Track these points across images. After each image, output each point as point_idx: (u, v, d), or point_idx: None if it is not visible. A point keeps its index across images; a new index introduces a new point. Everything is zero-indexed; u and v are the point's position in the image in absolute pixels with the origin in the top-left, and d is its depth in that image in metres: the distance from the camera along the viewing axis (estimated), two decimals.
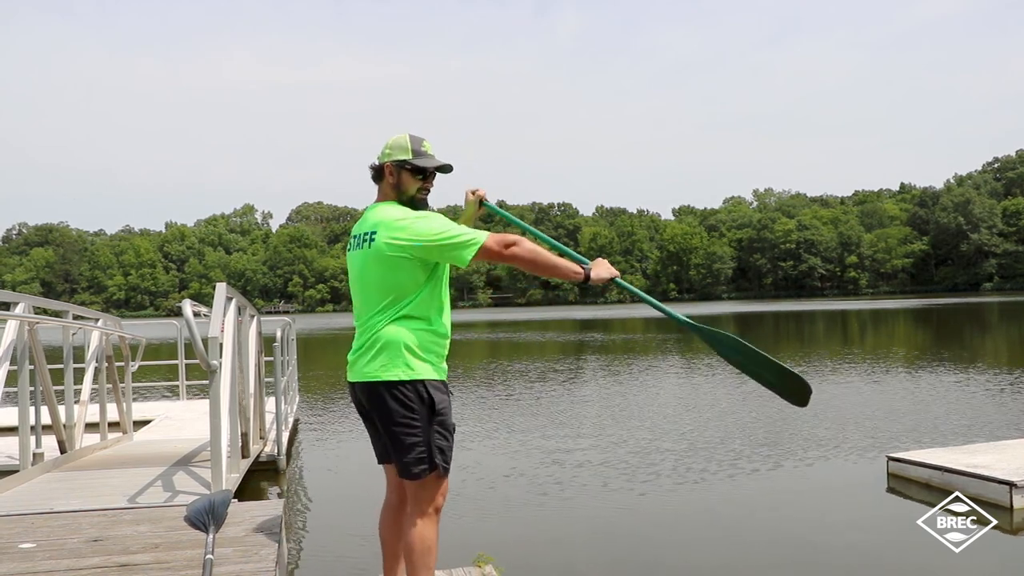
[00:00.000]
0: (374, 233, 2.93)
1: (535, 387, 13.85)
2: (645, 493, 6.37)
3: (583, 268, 3.05)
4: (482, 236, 2.91)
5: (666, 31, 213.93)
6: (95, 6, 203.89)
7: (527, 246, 2.95)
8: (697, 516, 5.81)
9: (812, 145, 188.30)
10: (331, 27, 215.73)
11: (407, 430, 2.87)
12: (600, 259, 3.15)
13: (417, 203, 3.02)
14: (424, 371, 2.90)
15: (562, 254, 3.20)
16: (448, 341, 3.03)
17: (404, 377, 2.87)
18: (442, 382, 2.97)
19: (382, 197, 3.06)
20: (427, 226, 2.88)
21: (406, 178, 3.00)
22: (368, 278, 2.94)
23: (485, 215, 3.63)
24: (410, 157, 3.00)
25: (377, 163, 3.06)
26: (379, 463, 3.13)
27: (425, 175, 3.03)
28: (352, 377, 3.01)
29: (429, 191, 3.07)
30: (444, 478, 2.95)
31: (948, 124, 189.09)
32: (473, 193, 3.47)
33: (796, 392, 3.24)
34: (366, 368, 2.92)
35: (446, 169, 3.10)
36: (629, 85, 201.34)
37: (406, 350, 2.88)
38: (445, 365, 3.01)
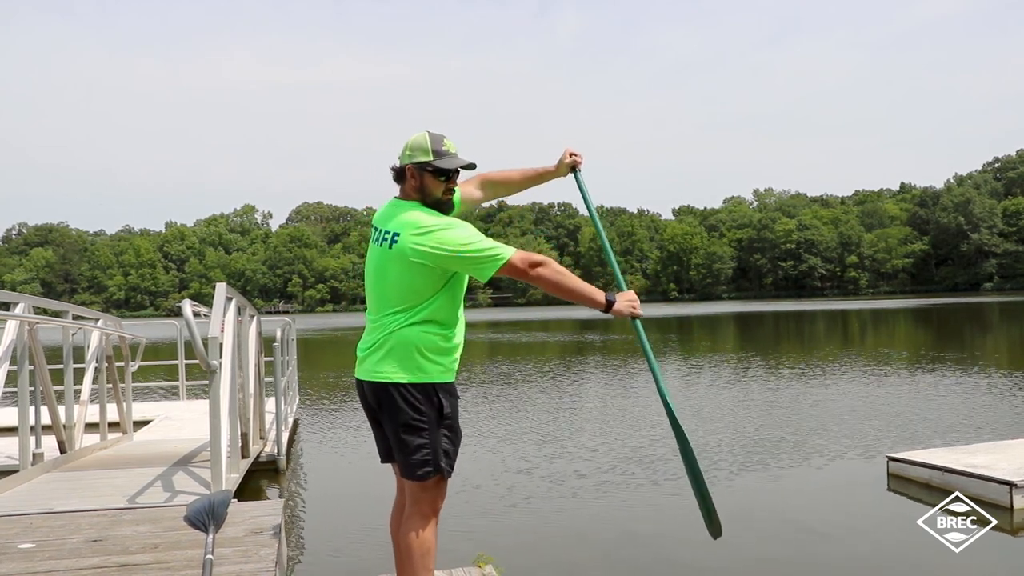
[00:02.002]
0: (397, 235, 2.84)
1: (535, 387, 13.85)
2: (644, 493, 6.37)
3: (606, 298, 2.94)
4: (507, 252, 2.81)
5: (666, 31, 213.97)
6: (95, 6, 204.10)
7: (554, 267, 2.88)
8: (697, 516, 5.79)
9: (812, 145, 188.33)
10: (331, 27, 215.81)
11: (415, 432, 2.86)
12: (630, 292, 3.04)
13: (443, 204, 2.94)
14: (435, 374, 2.87)
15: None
16: (461, 345, 2.99)
17: (414, 379, 2.84)
18: (452, 385, 2.94)
19: (405, 196, 2.96)
20: (453, 236, 2.78)
21: (429, 181, 2.90)
22: (386, 278, 2.88)
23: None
24: (431, 159, 2.89)
25: (398, 165, 2.96)
26: (382, 462, 3.11)
27: (448, 176, 2.93)
28: (360, 374, 2.97)
29: (454, 191, 2.98)
30: (445, 482, 2.94)
31: (948, 124, 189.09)
32: (571, 155, 3.33)
33: (713, 523, 3.36)
34: (376, 367, 2.89)
35: (470, 167, 3.01)
36: (629, 85, 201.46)
37: (418, 353, 2.85)
38: (455, 368, 2.97)
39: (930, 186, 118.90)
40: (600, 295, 2.94)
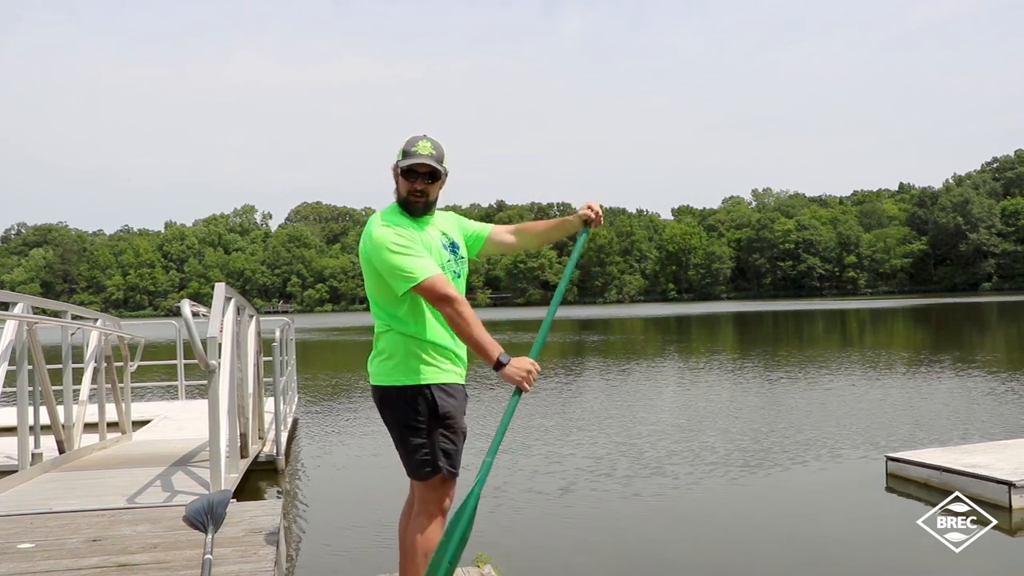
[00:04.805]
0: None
1: (534, 388, 13.82)
2: (644, 493, 6.36)
3: (499, 358, 2.78)
4: (422, 275, 2.75)
5: (671, 32, 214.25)
6: (97, 7, 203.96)
7: (457, 309, 2.77)
8: (697, 516, 5.81)
9: (812, 145, 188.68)
10: (335, 27, 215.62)
11: (412, 433, 2.87)
12: (527, 360, 2.85)
13: (410, 205, 2.92)
14: (429, 375, 2.87)
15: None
16: (459, 345, 2.96)
17: (407, 381, 2.86)
18: (452, 385, 2.92)
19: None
20: (382, 239, 2.81)
21: (399, 180, 2.95)
22: (366, 279, 2.97)
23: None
24: (400, 159, 2.94)
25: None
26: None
27: (415, 176, 2.89)
28: (370, 379, 3.03)
29: (423, 193, 2.90)
30: (451, 481, 2.94)
31: (947, 124, 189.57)
32: (590, 208, 3.16)
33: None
34: (375, 371, 2.96)
35: (433, 172, 2.90)
36: (632, 85, 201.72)
37: (409, 355, 2.87)
38: (458, 368, 2.96)
39: (929, 186, 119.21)
40: (494, 352, 2.77)
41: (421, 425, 2.87)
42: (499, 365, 2.80)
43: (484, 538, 5.23)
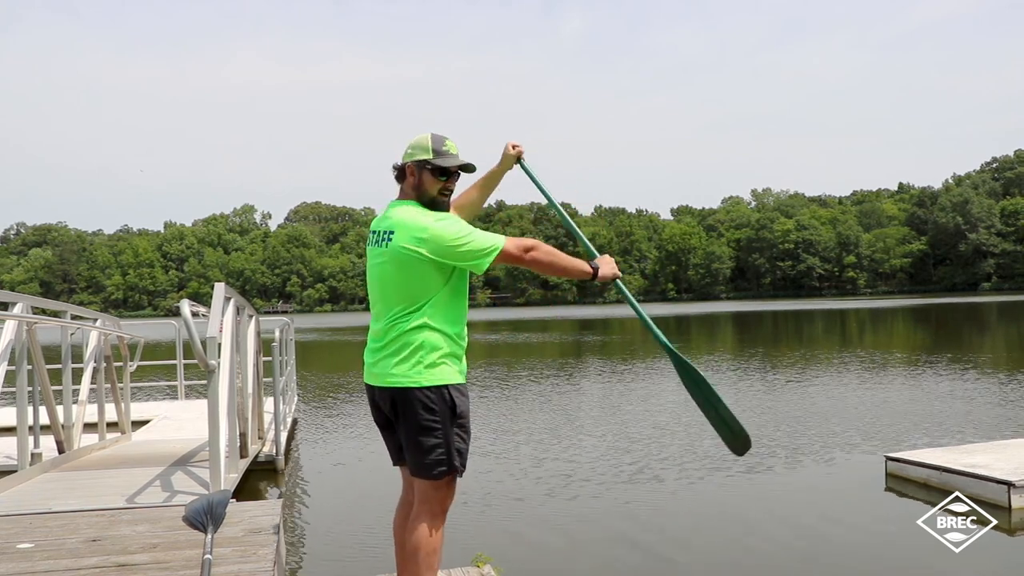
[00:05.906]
0: (392, 233, 2.89)
1: (534, 388, 13.84)
2: (643, 494, 6.36)
3: (592, 267, 3.08)
4: (500, 241, 2.88)
5: (671, 32, 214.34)
6: (97, 7, 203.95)
7: (545, 249, 2.98)
8: (696, 517, 5.81)
9: (812, 145, 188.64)
10: (334, 27, 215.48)
11: (430, 433, 2.86)
12: (607, 257, 3.17)
13: (438, 203, 2.97)
14: (446, 375, 2.88)
15: (574, 252, 3.24)
16: (466, 344, 3.00)
17: (426, 383, 2.85)
18: (463, 385, 2.95)
19: (403, 196, 3.01)
20: (446, 230, 2.84)
21: (427, 178, 2.95)
22: (386, 279, 2.91)
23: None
24: (430, 157, 2.94)
25: (399, 163, 3.02)
26: (394, 464, 3.11)
27: (447, 175, 2.98)
28: (370, 380, 2.98)
29: (451, 191, 3.02)
30: (455, 482, 2.95)
31: (948, 124, 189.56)
32: (513, 147, 3.39)
33: (738, 440, 3.45)
34: (388, 372, 2.90)
35: (469, 168, 3.05)
36: (632, 85, 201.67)
37: (428, 355, 2.86)
38: (465, 368, 2.99)
39: (928, 186, 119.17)
40: (587, 266, 3.08)
41: (437, 425, 2.86)
42: (596, 272, 3.09)
43: (483, 538, 5.24)
